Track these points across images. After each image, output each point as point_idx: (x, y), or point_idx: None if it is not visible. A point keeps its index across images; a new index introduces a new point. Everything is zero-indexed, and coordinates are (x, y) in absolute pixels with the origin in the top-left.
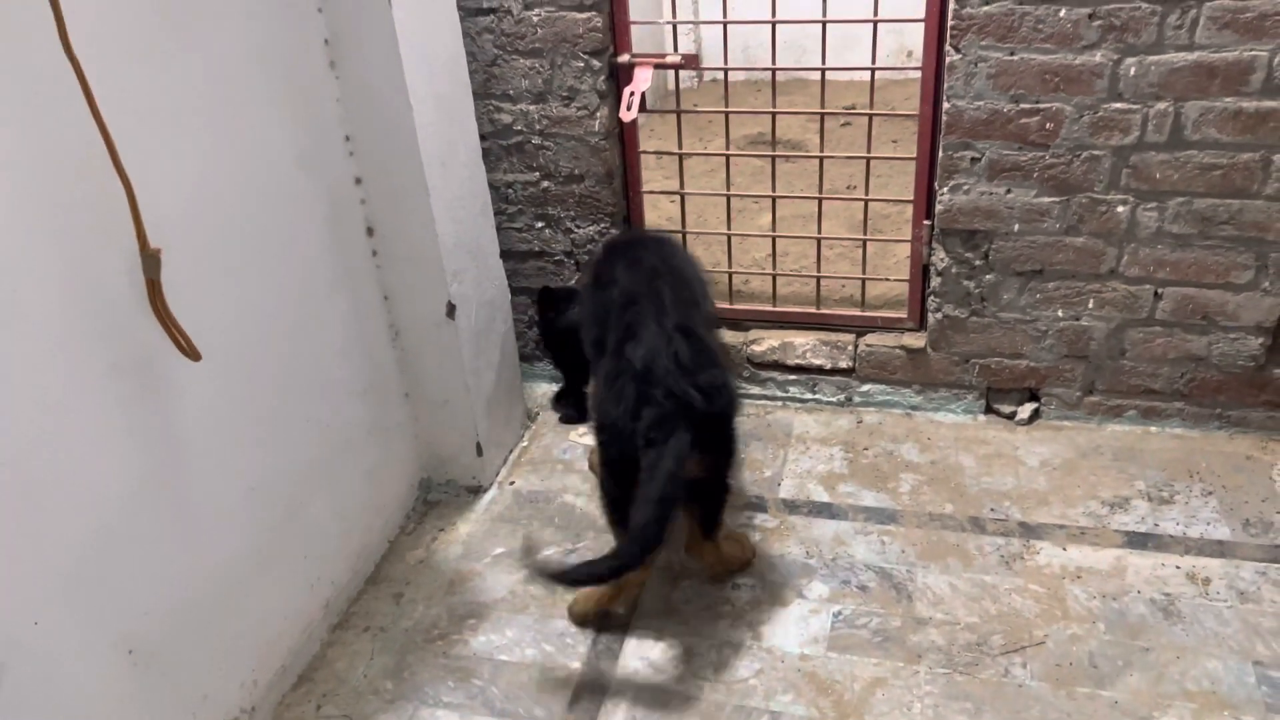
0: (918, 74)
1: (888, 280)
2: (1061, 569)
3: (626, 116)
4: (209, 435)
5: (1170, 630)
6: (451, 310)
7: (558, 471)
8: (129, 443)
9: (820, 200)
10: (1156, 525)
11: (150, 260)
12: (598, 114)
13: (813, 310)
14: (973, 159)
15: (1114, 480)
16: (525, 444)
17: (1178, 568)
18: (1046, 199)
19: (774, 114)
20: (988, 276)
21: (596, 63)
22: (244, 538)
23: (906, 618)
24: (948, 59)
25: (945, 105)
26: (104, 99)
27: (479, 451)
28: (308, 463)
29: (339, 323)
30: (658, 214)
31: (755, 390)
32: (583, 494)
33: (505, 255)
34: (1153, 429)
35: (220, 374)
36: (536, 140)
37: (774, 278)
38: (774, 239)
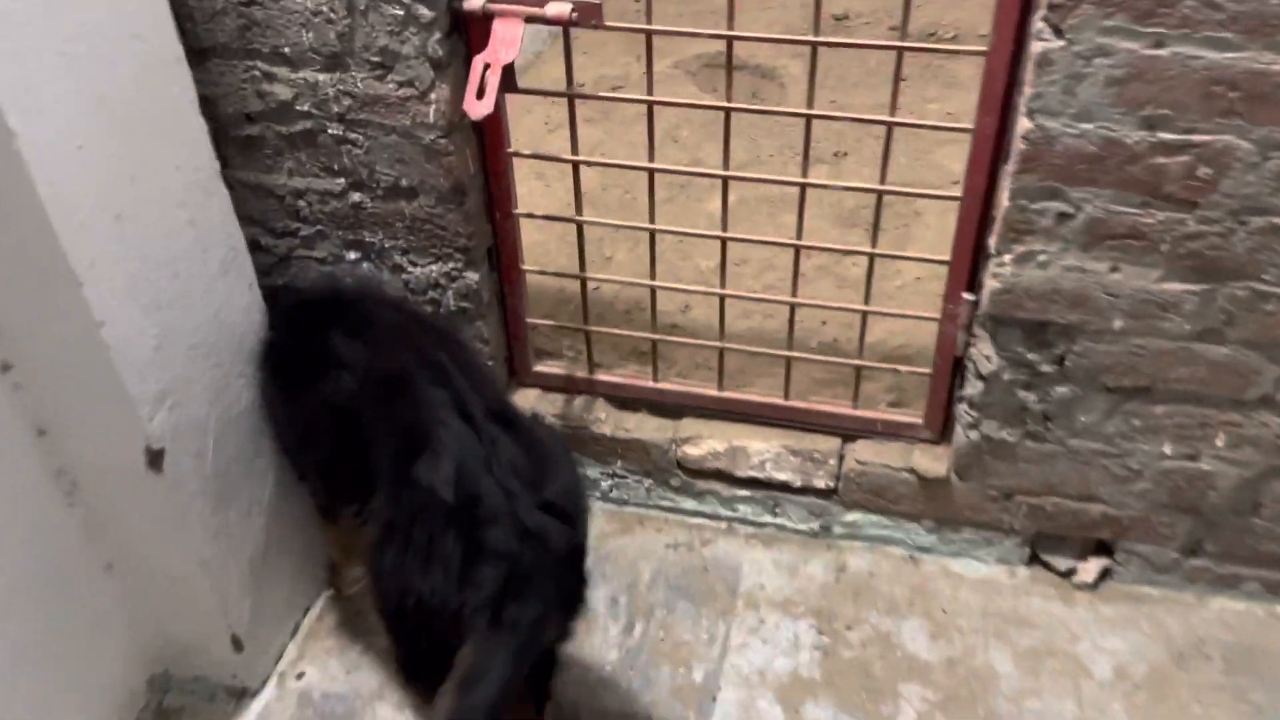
0: (981, 58)
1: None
2: None
3: (473, 107)
4: None
5: None
6: (156, 458)
7: (370, 657)
8: None
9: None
10: None
11: None
12: (432, 95)
13: (777, 401)
14: (1061, 214)
15: (1229, 712)
16: (319, 608)
17: None
18: (1178, 285)
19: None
20: (1060, 389)
21: (426, 11)
22: None
23: None
24: (1038, 46)
25: (1025, 123)
26: None
27: (237, 646)
28: None
29: None
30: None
31: (689, 505)
32: (406, 703)
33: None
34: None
35: None
36: (335, 129)
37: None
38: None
